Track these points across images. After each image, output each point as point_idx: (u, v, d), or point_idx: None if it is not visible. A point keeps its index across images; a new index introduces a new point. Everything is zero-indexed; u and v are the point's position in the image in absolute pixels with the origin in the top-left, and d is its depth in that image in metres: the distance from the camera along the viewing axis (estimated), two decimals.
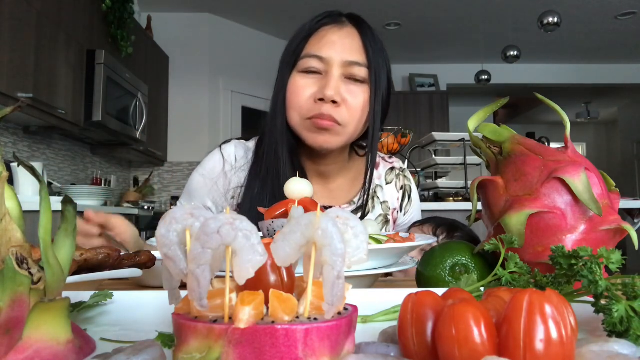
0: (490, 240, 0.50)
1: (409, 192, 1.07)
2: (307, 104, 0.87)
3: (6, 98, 2.50)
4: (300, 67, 0.88)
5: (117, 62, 3.57)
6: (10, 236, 0.29)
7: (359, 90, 0.88)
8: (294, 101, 0.88)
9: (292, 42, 0.91)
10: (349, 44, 0.88)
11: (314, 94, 0.87)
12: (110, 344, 0.35)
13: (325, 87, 0.85)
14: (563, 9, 4.47)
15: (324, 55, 0.87)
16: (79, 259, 0.55)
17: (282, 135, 0.91)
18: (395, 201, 1.05)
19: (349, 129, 0.89)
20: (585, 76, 6.86)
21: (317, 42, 0.88)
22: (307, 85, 0.87)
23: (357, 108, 0.88)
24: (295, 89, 0.88)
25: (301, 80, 0.88)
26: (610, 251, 0.37)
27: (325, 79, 0.86)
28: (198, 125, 5.04)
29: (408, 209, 1.06)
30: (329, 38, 0.88)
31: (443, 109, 6.53)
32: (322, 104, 0.86)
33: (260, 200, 0.89)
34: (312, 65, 0.87)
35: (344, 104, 0.87)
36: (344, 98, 0.87)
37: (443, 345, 0.26)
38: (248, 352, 0.25)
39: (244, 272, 0.26)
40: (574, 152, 0.56)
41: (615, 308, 0.32)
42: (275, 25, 5.44)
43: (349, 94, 0.87)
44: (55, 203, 0.51)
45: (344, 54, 0.87)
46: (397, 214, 1.05)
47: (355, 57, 0.87)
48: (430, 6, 5.01)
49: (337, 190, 1.00)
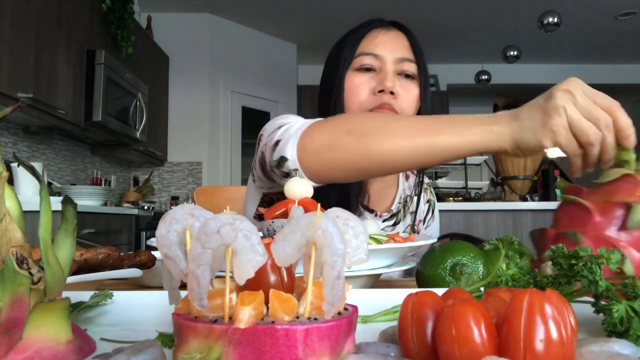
0: (490, 240, 0.50)
1: (433, 207, 1.14)
2: (367, 98, 0.93)
3: (6, 98, 2.50)
4: (356, 65, 0.95)
5: (117, 62, 3.57)
6: (10, 236, 0.29)
7: (410, 84, 0.95)
8: (354, 97, 0.94)
9: (342, 45, 0.98)
10: (399, 43, 0.96)
11: (373, 88, 0.93)
12: (110, 344, 0.35)
13: (384, 79, 0.92)
14: (563, 9, 4.47)
15: (379, 53, 0.94)
16: (79, 259, 0.55)
17: None
18: (422, 213, 1.11)
19: None
20: (585, 76, 6.76)
21: (370, 42, 0.95)
22: (365, 82, 0.94)
23: (412, 101, 0.95)
24: (353, 86, 0.94)
25: (358, 78, 0.94)
26: (610, 251, 0.37)
27: (382, 74, 0.93)
28: (198, 125, 5.04)
29: (430, 223, 1.13)
30: (380, 38, 0.96)
31: (443, 109, 6.52)
32: (381, 95, 0.92)
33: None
34: (367, 62, 0.94)
35: (400, 97, 0.93)
36: (399, 92, 0.93)
37: (443, 345, 0.26)
38: (248, 352, 0.25)
39: (244, 272, 0.26)
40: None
41: (615, 308, 0.32)
42: (275, 25, 5.44)
43: (402, 88, 0.94)
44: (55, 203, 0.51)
45: (395, 51, 0.94)
46: (421, 225, 1.11)
47: (405, 54, 0.95)
48: (430, 6, 5.01)
49: (375, 192, 1.04)
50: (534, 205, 2.70)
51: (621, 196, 0.49)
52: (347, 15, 5.11)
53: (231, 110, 5.27)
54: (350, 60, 0.95)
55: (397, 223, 1.04)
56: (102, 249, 0.59)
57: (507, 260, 0.46)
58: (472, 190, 2.89)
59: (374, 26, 0.98)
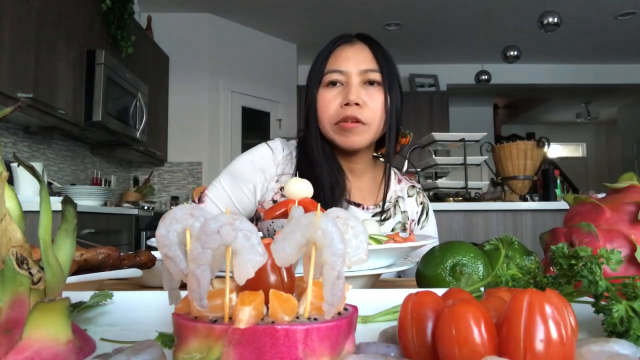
0: (490, 240, 0.50)
1: (427, 209, 1.21)
2: (335, 111, 1.03)
3: (6, 98, 2.50)
4: (325, 82, 1.05)
5: (117, 62, 3.57)
6: (10, 236, 0.29)
7: (376, 92, 1.03)
8: (325, 111, 1.04)
9: (314, 64, 1.08)
10: (362, 56, 1.05)
11: (340, 101, 1.02)
12: (110, 344, 0.35)
13: (348, 93, 1.01)
14: (563, 9, 4.47)
15: (343, 69, 1.03)
16: (79, 259, 0.55)
17: (317, 142, 1.06)
18: (414, 214, 1.17)
19: (372, 126, 1.03)
20: (585, 76, 6.86)
21: (335, 59, 1.05)
22: (333, 97, 1.03)
23: (377, 108, 1.03)
24: (323, 101, 1.04)
25: (327, 94, 1.04)
26: (610, 251, 0.37)
27: (347, 87, 1.03)
28: (198, 125, 5.04)
29: (425, 224, 1.19)
30: (345, 54, 1.05)
31: (443, 109, 6.53)
32: (347, 107, 1.01)
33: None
34: (334, 78, 1.04)
35: (366, 105, 1.02)
36: (365, 101, 1.02)
37: (443, 345, 0.26)
38: (248, 352, 0.25)
39: (244, 272, 0.26)
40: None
41: (615, 308, 0.32)
42: (275, 25, 5.44)
43: (369, 97, 1.02)
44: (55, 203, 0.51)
45: (359, 64, 1.03)
46: (414, 225, 1.17)
47: (368, 65, 1.03)
48: (430, 6, 5.01)
49: (365, 190, 1.13)
50: (534, 205, 2.70)
51: (630, 198, 0.50)
52: (347, 15, 5.11)
53: (231, 110, 5.27)
54: (320, 77, 1.05)
55: (387, 219, 1.11)
56: (102, 249, 0.59)
57: (507, 260, 0.46)
58: (472, 190, 2.89)
59: (339, 43, 1.07)
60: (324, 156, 1.06)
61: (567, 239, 0.50)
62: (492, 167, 2.97)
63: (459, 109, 7.53)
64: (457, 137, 2.77)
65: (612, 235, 0.47)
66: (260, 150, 1.11)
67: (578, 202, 0.54)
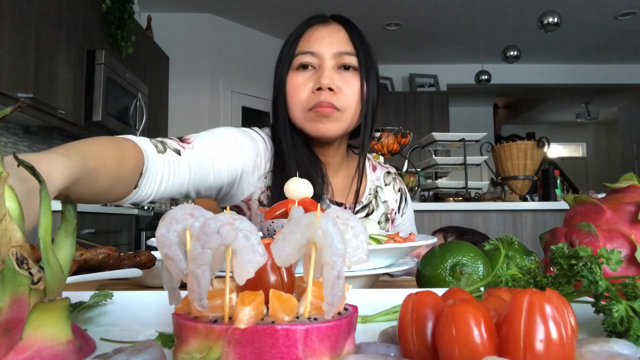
0: (490, 240, 0.50)
1: (404, 194, 1.15)
2: (306, 97, 0.93)
3: (6, 98, 2.50)
4: (295, 64, 0.95)
5: (117, 62, 3.57)
6: (10, 236, 0.29)
7: (351, 77, 0.94)
8: (294, 97, 0.94)
9: (284, 45, 0.98)
10: (337, 37, 0.95)
11: (312, 86, 0.93)
12: (110, 344, 0.35)
13: (321, 76, 0.91)
14: (563, 9, 4.47)
15: (316, 50, 0.93)
16: (79, 259, 0.55)
17: (285, 131, 0.96)
18: (394, 202, 1.12)
19: (347, 114, 0.94)
20: (585, 76, 6.86)
21: (307, 40, 0.95)
22: (304, 81, 0.93)
23: (353, 93, 0.94)
24: (294, 86, 0.94)
25: (298, 78, 0.94)
26: (610, 251, 0.37)
27: (320, 71, 0.93)
28: (198, 126, 5.03)
29: (405, 210, 1.14)
30: (317, 35, 0.95)
31: (443, 109, 6.52)
32: (320, 92, 0.92)
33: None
34: (305, 60, 0.94)
35: (340, 91, 0.92)
36: (339, 86, 0.92)
37: (443, 345, 0.26)
38: (248, 352, 0.25)
39: (244, 272, 0.26)
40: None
41: (615, 308, 0.32)
42: (275, 25, 5.43)
43: (343, 82, 0.93)
44: (55, 203, 0.51)
45: (333, 47, 0.94)
46: (395, 214, 1.12)
47: (343, 47, 0.94)
48: (430, 6, 5.00)
49: (344, 186, 1.04)
50: (534, 205, 2.70)
51: (630, 198, 0.50)
52: (347, 15, 5.10)
53: (231, 110, 5.27)
54: (290, 60, 0.95)
55: (370, 213, 1.05)
56: (102, 249, 0.59)
57: (507, 260, 0.46)
58: (472, 190, 2.89)
59: (312, 23, 0.97)
60: (293, 146, 0.95)
61: (567, 239, 0.50)
62: (492, 167, 2.97)
63: (459, 109, 7.52)
64: (457, 137, 2.77)
65: (612, 235, 0.47)
66: (248, 131, 0.99)
67: (578, 202, 0.54)
